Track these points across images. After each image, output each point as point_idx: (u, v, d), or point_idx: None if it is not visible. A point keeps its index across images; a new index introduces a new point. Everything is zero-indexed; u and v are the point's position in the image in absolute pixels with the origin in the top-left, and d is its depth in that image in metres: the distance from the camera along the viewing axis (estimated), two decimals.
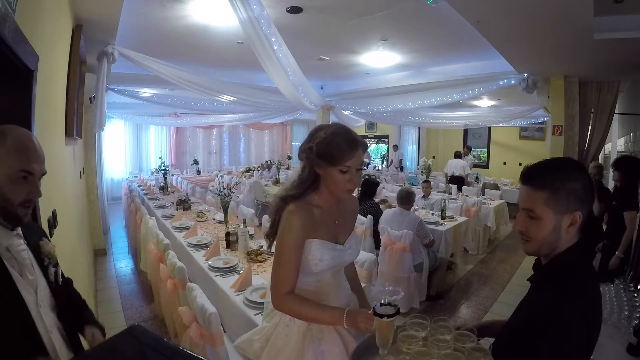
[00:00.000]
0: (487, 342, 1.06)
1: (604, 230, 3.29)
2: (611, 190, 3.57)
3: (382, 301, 0.98)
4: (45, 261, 0.99)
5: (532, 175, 0.92)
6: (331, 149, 1.16)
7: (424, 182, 5.71)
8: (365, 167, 9.40)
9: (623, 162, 3.11)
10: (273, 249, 1.27)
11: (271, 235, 1.29)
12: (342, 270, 1.40)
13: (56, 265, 1.03)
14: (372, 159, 12.27)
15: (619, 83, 4.36)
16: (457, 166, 7.83)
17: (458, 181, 7.41)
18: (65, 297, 1.05)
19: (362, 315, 1.10)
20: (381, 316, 0.96)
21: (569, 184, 0.88)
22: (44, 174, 0.93)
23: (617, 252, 2.86)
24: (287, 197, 1.24)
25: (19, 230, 0.93)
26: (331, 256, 1.24)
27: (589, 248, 3.31)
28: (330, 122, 7.48)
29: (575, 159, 0.95)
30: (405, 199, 3.59)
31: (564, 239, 0.91)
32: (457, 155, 8.15)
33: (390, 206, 4.58)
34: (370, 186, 4.19)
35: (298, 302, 1.18)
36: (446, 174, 8.02)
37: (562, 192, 0.88)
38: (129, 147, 9.54)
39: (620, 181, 3.05)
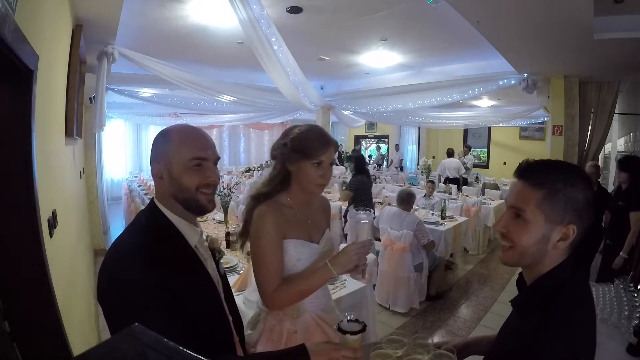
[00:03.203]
0: None
1: (605, 230, 3.28)
2: (610, 192, 3.56)
3: (349, 317, 0.93)
4: (216, 256, 1.07)
5: (532, 170, 0.78)
6: (306, 142, 1.18)
7: (429, 181, 5.71)
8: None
9: (631, 163, 3.08)
10: (244, 251, 1.27)
11: (244, 235, 1.28)
12: None
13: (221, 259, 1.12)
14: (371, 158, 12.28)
15: (619, 83, 4.36)
16: (450, 167, 7.53)
17: (454, 182, 7.21)
18: (230, 289, 1.12)
19: (344, 255, 1.12)
20: (345, 332, 0.90)
21: (572, 190, 0.74)
22: (218, 158, 0.96)
23: (621, 253, 2.85)
24: (259, 195, 1.24)
25: (201, 227, 0.99)
26: (308, 255, 1.24)
27: (588, 250, 3.31)
28: (329, 122, 7.50)
29: (584, 170, 0.81)
30: (406, 200, 3.59)
31: (550, 255, 0.76)
32: (450, 153, 7.78)
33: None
34: (361, 162, 4.74)
35: (286, 288, 1.17)
36: (439, 176, 7.78)
37: (561, 197, 0.73)
38: (129, 147, 9.54)
39: (629, 182, 3.03)
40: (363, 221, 1.14)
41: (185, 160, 0.87)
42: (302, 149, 1.18)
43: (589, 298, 0.81)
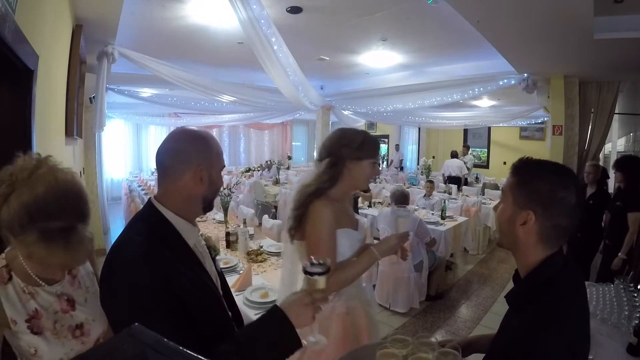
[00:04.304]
0: None
1: (605, 230, 3.28)
2: (610, 193, 3.55)
3: (313, 261, 0.95)
4: (212, 253, 1.11)
5: (519, 163, 0.91)
6: (370, 144, 1.41)
7: (428, 181, 5.71)
8: None
9: (625, 163, 3.08)
10: (294, 242, 1.40)
11: (297, 229, 1.38)
12: None
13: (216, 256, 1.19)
14: None
15: (619, 83, 4.36)
16: (453, 166, 7.80)
17: (455, 181, 7.39)
18: (227, 285, 1.16)
19: (387, 242, 1.36)
20: (312, 274, 0.94)
21: (537, 182, 0.85)
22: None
23: (620, 254, 2.85)
24: (319, 190, 1.37)
25: (198, 226, 1.04)
26: (354, 242, 1.43)
27: (588, 250, 3.31)
28: (329, 122, 7.49)
29: (572, 171, 0.91)
30: (400, 199, 3.57)
31: (521, 238, 0.86)
32: (454, 155, 8.11)
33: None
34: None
35: (339, 273, 1.32)
36: (443, 174, 7.99)
37: (525, 186, 0.86)
38: (129, 147, 9.53)
39: (624, 182, 3.03)
40: (401, 217, 1.43)
41: (220, 167, 0.98)
42: (366, 149, 1.39)
43: (582, 292, 0.87)
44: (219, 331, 0.88)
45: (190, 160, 0.91)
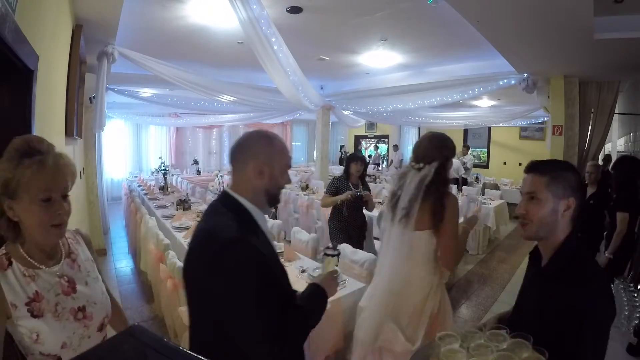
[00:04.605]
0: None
1: (605, 230, 3.28)
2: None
3: (329, 246, 1.36)
4: None
5: (537, 165, 1.07)
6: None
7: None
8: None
9: (617, 163, 3.12)
10: (414, 232, 1.62)
11: (440, 215, 1.60)
12: None
13: None
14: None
15: (619, 83, 4.36)
16: (453, 167, 7.81)
17: (454, 181, 7.32)
18: None
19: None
20: (328, 255, 1.47)
21: (566, 174, 1.04)
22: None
23: (606, 253, 2.87)
24: (448, 185, 1.67)
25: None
26: None
27: (590, 248, 3.31)
28: (329, 122, 7.47)
29: (570, 163, 1.13)
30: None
31: (560, 223, 1.02)
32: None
33: None
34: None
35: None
36: None
37: (559, 179, 1.02)
38: (129, 147, 9.53)
39: (615, 182, 3.04)
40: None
41: (283, 165, 1.10)
42: (454, 150, 1.77)
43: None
44: (289, 299, 1.10)
45: (253, 154, 1.06)
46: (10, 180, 0.88)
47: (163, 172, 6.03)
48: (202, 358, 0.46)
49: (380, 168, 11.40)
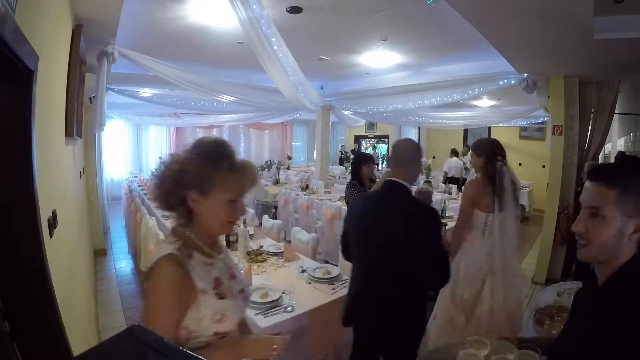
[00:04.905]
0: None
1: None
2: None
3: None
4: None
5: (604, 172, 0.86)
6: None
7: (426, 181, 5.71)
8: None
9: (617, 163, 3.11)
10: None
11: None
12: None
13: None
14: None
15: (619, 83, 4.35)
16: (456, 167, 7.85)
17: (455, 181, 7.40)
18: None
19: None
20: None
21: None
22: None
23: None
24: None
25: None
26: None
27: None
28: (329, 122, 7.48)
29: None
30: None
31: (625, 247, 0.82)
32: (455, 153, 8.13)
33: None
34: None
35: None
36: (445, 172, 8.01)
37: (633, 193, 0.80)
38: (129, 147, 9.53)
39: None
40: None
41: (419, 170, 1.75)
42: None
43: None
44: None
45: (413, 158, 1.67)
46: (207, 178, 0.96)
47: None
48: (202, 358, 0.46)
49: (380, 168, 11.40)
